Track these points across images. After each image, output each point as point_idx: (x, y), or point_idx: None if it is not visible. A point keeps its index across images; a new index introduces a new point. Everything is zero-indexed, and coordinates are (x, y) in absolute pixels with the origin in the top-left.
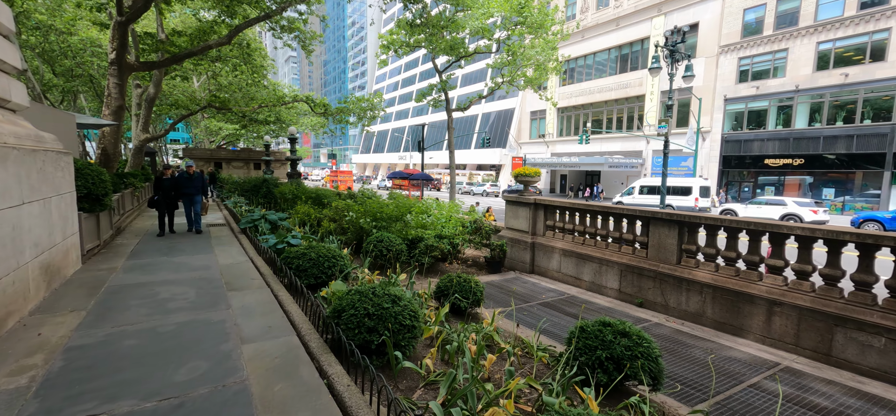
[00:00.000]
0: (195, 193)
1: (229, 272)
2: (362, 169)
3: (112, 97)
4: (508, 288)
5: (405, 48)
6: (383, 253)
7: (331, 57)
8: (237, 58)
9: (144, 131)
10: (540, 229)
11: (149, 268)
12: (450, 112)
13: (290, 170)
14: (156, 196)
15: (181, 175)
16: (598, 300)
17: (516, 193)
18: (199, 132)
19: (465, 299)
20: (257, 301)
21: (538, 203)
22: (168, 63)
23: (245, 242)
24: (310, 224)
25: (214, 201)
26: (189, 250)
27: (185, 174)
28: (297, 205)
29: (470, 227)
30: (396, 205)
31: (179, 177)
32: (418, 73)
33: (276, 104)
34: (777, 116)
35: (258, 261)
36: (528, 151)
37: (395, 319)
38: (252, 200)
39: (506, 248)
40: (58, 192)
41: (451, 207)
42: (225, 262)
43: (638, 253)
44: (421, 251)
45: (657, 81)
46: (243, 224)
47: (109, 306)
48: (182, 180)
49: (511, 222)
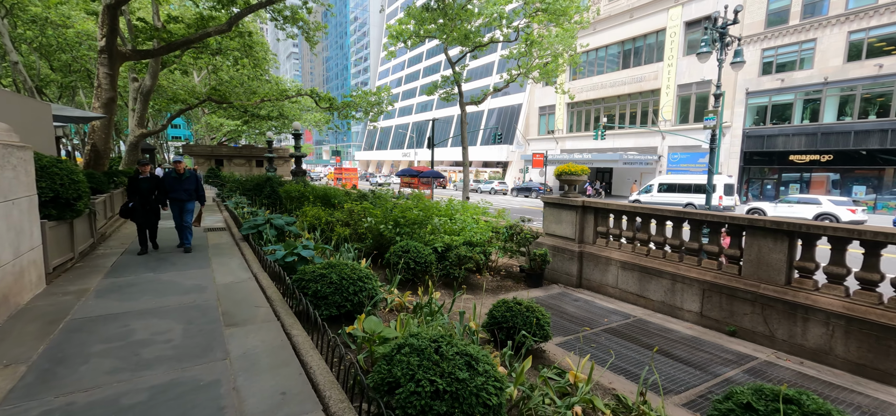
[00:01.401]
0: (186, 199)
1: (228, 296)
2: (365, 166)
3: (102, 88)
4: (559, 308)
5: (414, 39)
6: (410, 266)
7: (333, 53)
8: (238, 50)
9: (140, 126)
10: (589, 237)
11: (128, 290)
12: (463, 106)
13: (294, 167)
14: (130, 203)
15: (167, 175)
16: (674, 326)
17: (559, 194)
18: (199, 129)
19: (532, 336)
20: (264, 345)
21: (588, 206)
22: (163, 51)
23: (248, 252)
24: (320, 228)
25: (215, 202)
26: (181, 264)
27: (171, 173)
28: (304, 206)
29: (505, 233)
30: (421, 208)
31: (165, 177)
32: (422, 68)
33: (279, 98)
34: (803, 110)
35: (263, 279)
36: (537, 147)
37: (477, 397)
38: (255, 201)
39: (549, 258)
40: (6, 196)
41: (477, 209)
42: (223, 280)
43: (726, 269)
44: (452, 262)
45: (673, 74)
46: (245, 230)
47: (62, 355)
48: (168, 181)
49: (552, 227)
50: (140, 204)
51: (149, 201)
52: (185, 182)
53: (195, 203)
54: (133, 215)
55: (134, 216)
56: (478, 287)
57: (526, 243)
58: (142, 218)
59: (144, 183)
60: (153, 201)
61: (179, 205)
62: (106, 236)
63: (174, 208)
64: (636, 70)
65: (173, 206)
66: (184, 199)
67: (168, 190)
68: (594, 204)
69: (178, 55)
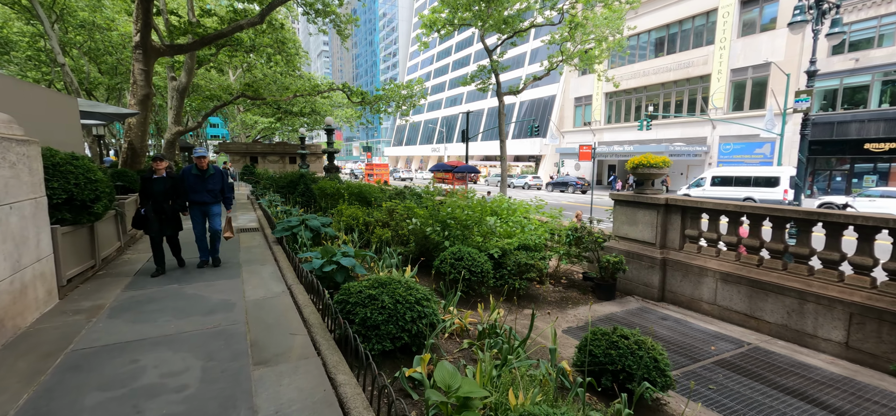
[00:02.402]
0: (210, 202)
1: (259, 318)
2: (394, 162)
3: (138, 85)
4: (644, 328)
5: (448, 28)
6: (465, 276)
7: (362, 50)
8: (271, 47)
9: (177, 124)
10: (674, 241)
11: (146, 307)
12: (501, 96)
13: (327, 163)
14: (143, 210)
15: (187, 172)
16: (809, 359)
17: (633, 190)
18: (235, 127)
19: (652, 385)
20: (302, 397)
21: (672, 204)
22: (197, 46)
23: (281, 257)
24: (357, 229)
25: (249, 199)
26: (209, 274)
27: (192, 170)
28: (339, 204)
29: (569, 236)
30: (473, 207)
31: (184, 175)
32: (451, 62)
33: (311, 93)
34: (882, 93)
35: (299, 292)
36: (572, 140)
37: None
38: (288, 199)
39: (624, 266)
40: (2, 200)
41: (528, 207)
42: (254, 294)
43: (888, 288)
44: (510, 271)
45: (725, 58)
46: (278, 232)
47: (46, 411)
48: (189, 181)
49: (624, 229)
50: (154, 210)
51: (164, 207)
52: (209, 181)
53: (221, 206)
54: (145, 224)
55: (147, 227)
56: (538, 298)
57: (596, 248)
58: (156, 228)
59: (159, 184)
60: (170, 207)
61: (202, 209)
62: (136, 238)
63: (195, 213)
64: (683, 55)
65: (194, 211)
66: (208, 201)
67: (188, 191)
68: (684, 203)
69: (214, 54)
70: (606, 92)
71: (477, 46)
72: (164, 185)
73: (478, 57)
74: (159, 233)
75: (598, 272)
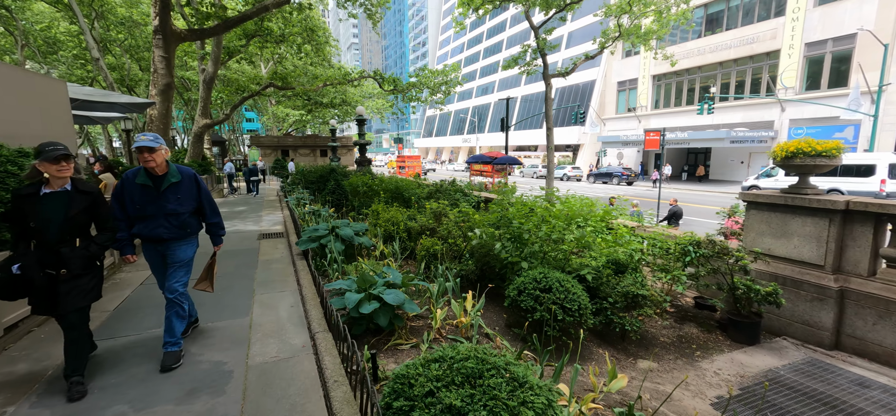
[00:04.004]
0: (170, 237)
1: (261, 406)
2: (424, 153)
3: (158, 74)
4: (832, 399)
5: (486, 7)
6: (556, 315)
7: (391, 41)
8: (300, 35)
9: (204, 116)
10: (859, 263)
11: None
12: (548, 79)
13: (358, 156)
14: (16, 265)
15: (128, 180)
16: None
17: (784, 189)
18: (267, 120)
19: None
20: None
21: (857, 210)
22: (220, 30)
23: (305, 278)
24: (397, 235)
25: (278, 195)
26: (207, 300)
27: (137, 176)
28: (373, 203)
29: (693, 253)
30: (556, 214)
31: (123, 184)
32: (482, 49)
33: (342, 82)
34: None
35: (326, 351)
36: (614, 127)
37: None
38: (317, 196)
39: (779, 299)
40: None
41: (606, 208)
42: (263, 354)
43: None
44: (614, 304)
45: (798, 30)
46: (303, 243)
47: None
48: (130, 195)
49: (767, 243)
50: (39, 262)
51: (63, 253)
52: (169, 196)
53: (192, 241)
54: (20, 291)
55: (24, 293)
56: (646, 337)
57: (729, 270)
58: (41, 301)
59: (51, 206)
60: (77, 253)
61: (158, 250)
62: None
63: (151, 255)
64: (746, 29)
65: (148, 251)
66: (165, 236)
67: (131, 215)
68: (878, 208)
69: (244, 45)
70: (654, 74)
71: (510, 31)
72: (65, 207)
73: (510, 43)
74: (50, 308)
75: (730, 303)
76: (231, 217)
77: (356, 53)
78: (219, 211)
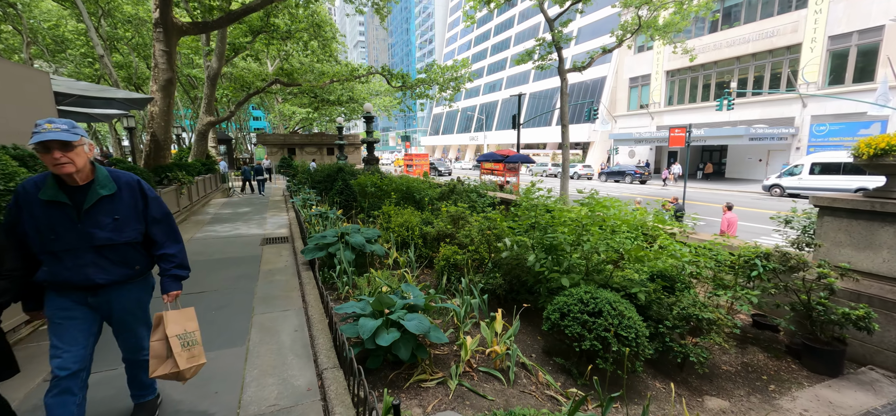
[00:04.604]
0: (106, 281)
1: None
2: (431, 152)
3: (159, 68)
4: None
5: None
6: (609, 344)
7: (398, 39)
8: (306, 30)
9: (208, 114)
10: None
11: None
12: (563, 73)
13: (366, 154)
14: None
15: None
16: None
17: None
18: (273, 118)
19: None
20: None
21: None
22: (222, 23)
23: (312, 296)
24: (413, 241)
25: (284, 195)
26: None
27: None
28: (384, 205)
29: (760, 267)
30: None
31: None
32: (489, 47)
33: (349, 78)
34: None
35: (335, 393)
36: (626, 124)
37: None
38: (324, 197)
39: (871, 323)
40: None
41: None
42: (258, 400)
43: None
44: (675, 328)
45: (822, 23)
46: (309, 252)
47: None
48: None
49: (846, 255)
50: None
51: None
52: (97, 215)
53: (144, 282)
54: None
55: None
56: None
57: (805, 288)
58: None
59: None
60: None
61: (87, 300)
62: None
63: (68, 306)
64: (766, 22)
65: (64, 303)
66: (98, 278)
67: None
68: None
69: (250, 41)
70: (668, 70)
71: (518, 28)
72: None
73: (518, 40)
74: None
75: (805, 326)
76: (234, 219)
77: (362, 51)
78: (179, 237)
